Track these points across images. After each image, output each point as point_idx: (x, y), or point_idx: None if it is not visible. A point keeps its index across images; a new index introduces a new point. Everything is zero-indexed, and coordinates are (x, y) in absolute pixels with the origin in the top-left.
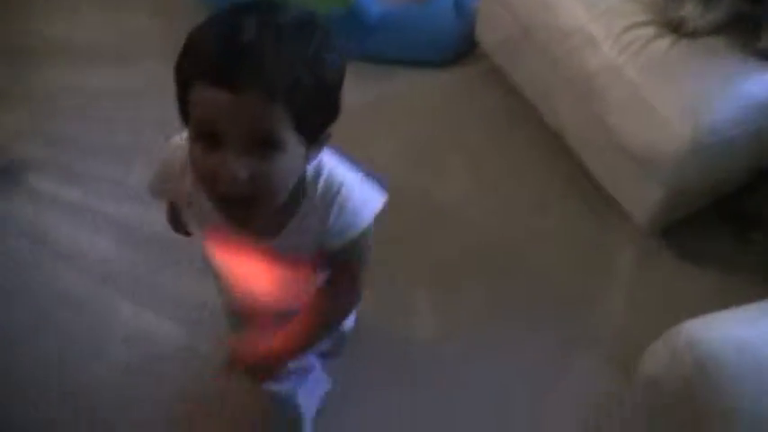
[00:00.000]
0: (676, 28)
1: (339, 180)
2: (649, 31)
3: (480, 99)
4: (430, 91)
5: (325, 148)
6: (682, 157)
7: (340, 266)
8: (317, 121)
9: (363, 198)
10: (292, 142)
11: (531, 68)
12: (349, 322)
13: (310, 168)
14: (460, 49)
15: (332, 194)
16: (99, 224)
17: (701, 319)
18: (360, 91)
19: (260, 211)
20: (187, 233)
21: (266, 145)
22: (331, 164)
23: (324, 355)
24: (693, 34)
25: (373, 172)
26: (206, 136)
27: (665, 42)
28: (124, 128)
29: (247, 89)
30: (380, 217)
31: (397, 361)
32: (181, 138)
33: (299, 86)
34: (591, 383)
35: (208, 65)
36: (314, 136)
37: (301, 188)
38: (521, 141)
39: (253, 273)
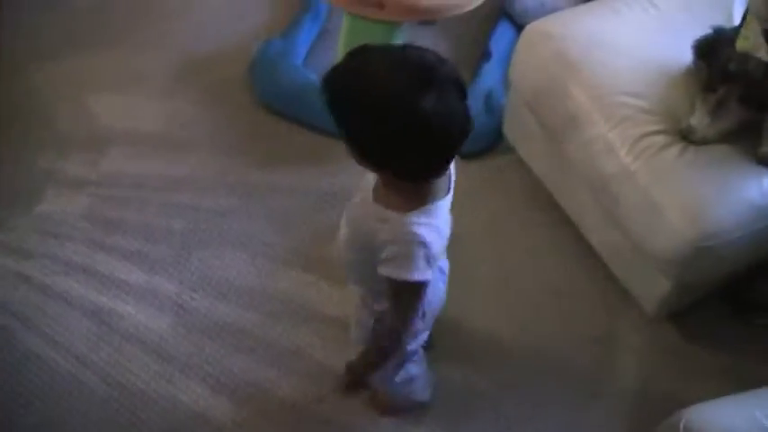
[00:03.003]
0: (686, 136)
1: (413, 231)
2: (662, 139)
3: (504, 189)
4: (458, 183)
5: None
6: (687, 257)
7: (390, 299)
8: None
9: (415, 262)
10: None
11: (553, 165)
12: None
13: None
14: (488, 142)
15: (400, 232)
16: (162, 305)
17: (698, 408)
18: None
19: None
20: None
21: None
22: (418, 220)
23: None
24: (702, 142)
25: None
26: None
27: (675, 150)
28: (181, 215)
29: None
30: None
31: None
32: None
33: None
34: None
35: None
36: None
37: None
38: (540, 229)
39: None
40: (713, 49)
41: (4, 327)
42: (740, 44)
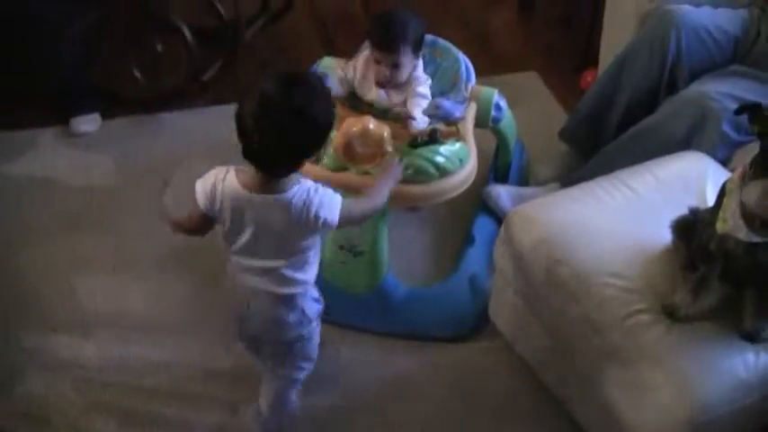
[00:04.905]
0: (670, 314)
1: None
2: (647, 317)
3: (490, 373)
4: (445, 366)
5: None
6: None
7: None
8: None
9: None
10: None
11: (539, 348)
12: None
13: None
14: (475, 325)
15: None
16: None
17: None
18: (381, 367)
19: None
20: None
21: None
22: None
23: None
24: (686, 320)
25: None
26: None
27: (661, 328)
28: (166, 401)
29: None
30: None
31: None
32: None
33: None
34: None
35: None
36: None
37: None
38: (527, 415)
39: None
40: (691, 228)
41: None
42: (720, 227)
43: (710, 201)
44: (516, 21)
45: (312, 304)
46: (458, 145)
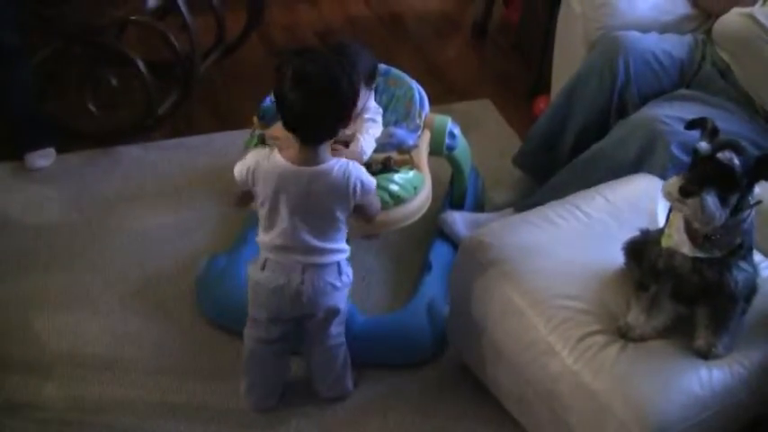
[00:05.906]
0: (624, 334)
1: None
2: (602, 338)
3: (450, 397)
4: (408, 391)
5: None
6: None
7: None
8: None
9: None
10: None
11: (497, 371)
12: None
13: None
14: (433, 350)
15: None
16: None
17: None
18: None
19: None
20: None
21: None
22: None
23: None
24: (640, 339)
25: None
26: None
27: (616, 347)
28: None
29: None
30: None
31: None
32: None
33: None
34: None
35: None
36: None
37: None
38: None
39: None
40: (642, 249)
41: None
42: (665, 242)
43: (661, 222)
44: (469, 49)
45: (350, 269)
46: (412, 173)
